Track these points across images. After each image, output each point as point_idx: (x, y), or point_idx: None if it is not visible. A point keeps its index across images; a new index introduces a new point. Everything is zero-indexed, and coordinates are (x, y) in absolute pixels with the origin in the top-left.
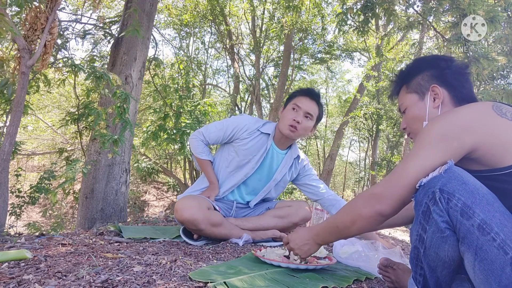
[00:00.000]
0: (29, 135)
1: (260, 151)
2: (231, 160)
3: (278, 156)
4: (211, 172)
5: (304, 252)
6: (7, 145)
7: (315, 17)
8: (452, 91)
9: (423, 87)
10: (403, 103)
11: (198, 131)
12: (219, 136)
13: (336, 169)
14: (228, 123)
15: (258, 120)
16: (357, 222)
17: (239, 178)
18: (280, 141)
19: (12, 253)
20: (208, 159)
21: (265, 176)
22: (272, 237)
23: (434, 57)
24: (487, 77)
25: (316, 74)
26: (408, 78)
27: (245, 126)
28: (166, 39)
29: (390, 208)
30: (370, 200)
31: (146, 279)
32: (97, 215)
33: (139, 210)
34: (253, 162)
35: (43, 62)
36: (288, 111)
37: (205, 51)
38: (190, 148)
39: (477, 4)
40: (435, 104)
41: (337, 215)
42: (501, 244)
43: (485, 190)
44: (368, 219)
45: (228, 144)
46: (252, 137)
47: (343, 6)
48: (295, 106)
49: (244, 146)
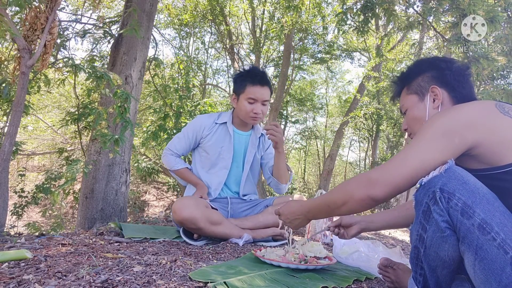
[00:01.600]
0: (29, 135)
1: (225, 140)
2: (204, 160)
3: (244, 138)
4: (192, 176)
5: (294, 226)
6: (7, 145)
7: (315, 17)
8: (452, 92)
9: (423, 88)
10: (404, 104)
11: (166, 148)
12: (184, 144)
13: (336, 169)
14: (187, 129)
15: (211, 114)
16: (348, 203)
17: (222, 172)
18: (241, 125)
19: (12, 253)
20: (184, 167)
21: (240, 161)
22: (272, 235)
23: (435, 59)
24: (487, 77)
25: (316, 74)
26: (409, 80)
27: (201, 125)
28: (166, 39)
29: (383, 194)
30: (364, 184)
31: (146, 279)
32: (97, 215)
33: (139, 210)
34: (225, 153)
35: (43, 62)
36: (244, 105)
37: (205, 51)
38: (165, 166)
39: (477, 4)
40: (434, 105)
41: (330, 193)
42: (501, 244)
43: (485, 189)
44: (360, 202)
45: (197, 148)
46: (213, 131)
47: (343, 6)
48: (250, 100)
49: (209, 142)
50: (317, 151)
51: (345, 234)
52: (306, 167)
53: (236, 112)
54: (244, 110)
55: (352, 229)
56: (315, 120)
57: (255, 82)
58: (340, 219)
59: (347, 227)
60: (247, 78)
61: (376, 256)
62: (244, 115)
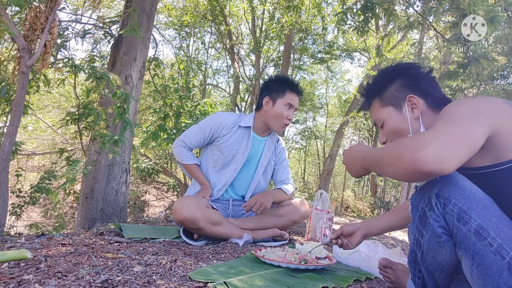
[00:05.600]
0: (29, 135)
1: (242, 144)
2: (217, 159)
3: (260, 143)
4: (200, 174)
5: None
6: (7, 145)
7: (315, 17)
8: (429, 98)
9: (399, 98)
10: (379, 118)
11: (178, 139)
12: (199, 138)
13: (336, 169)
14: (205, 124)
15: (232, 114)
16: (393, 165)
17: (229, 175)
18: (260, 130)
19: (12, 253)
20: (194, 163)
21: (252, 166)
22: (272, 236)
23: (401, 66)
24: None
25: (316, 74)
26: (379, 91)
27: (221, 124)
28: (166, 39)
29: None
30: (418, 149)
31: (146, 279)
32: (97, 215)
33: (139, 210)
34: (239, 156)
35: (43, 62)
36: (283, 109)
37: (205, 51)
38: (175, 156)
39: (477, 4)
40: (414, 114)
41: (385, 148)
42: (498, 249)
43: (481, 194)
44: (406, 168)
45: (210, 144)
46: (232, 132)
47: (343, 6)
48: (289, 105)
49: (226, 143)
50: (317, 151)
51: (349, 244)
52: (306, 167)
53: (264, 115)
54: (281, 114)
55: (355, 237)
56: (315, 120)
57: (294, 89)
58: (340, 229)
59: (349, 236)
60: (286, 85)
61: (376, 256)
62: (277, 119)
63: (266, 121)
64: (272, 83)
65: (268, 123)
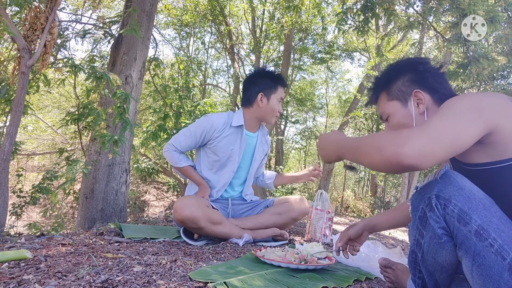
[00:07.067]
0: (29, 135)
1: (236, 143)
2: (212, 162)
3: (253, 139)
4: (196, 175)
5: (323, 156)
6: (7, 145)
7: (315, 17)
8: (435, 94)
9: (405, 93)
10: (385, 111)
11: (169, 143)
12: (191, 142)
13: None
14: (195, 128)
15: (221, 115)
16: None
17: (227, 175)
18: (251, 126)
19: (12, 253)
20: (187, 165)
21: (247, 162)
22: (272, 235)
23: (410, 61)
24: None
25: (316, 74)
26: (387, 85)
27: (212, 126)
28: (166, 39)
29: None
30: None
31: (146, 279)
32: (97, 215)
33: (139, 210)
34: (235, 156)
35: (43, 62)
36: (275, 104)
37: (205, 51)
38: (168, 161)
39: (477, 4)
40: (420, 109)
41: (365, 138)
42: (499, 250)
43: (481, 194)
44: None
45: (203, 147)
46: (224, 133)
47: (343, 6)
48: (280, 100)
49: (220, 143)
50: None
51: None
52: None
53: (257, 111)
54: (275, 109)
55: (362, 237)
56: (315, 120)
57: (283, 84)
58: (347, 235)
59: (357, 238)
60: (277, 80)
61: (376, 256)
62: (271, 114)
63: (261, 117)
64: (264, 79)
65: (263, 118)
